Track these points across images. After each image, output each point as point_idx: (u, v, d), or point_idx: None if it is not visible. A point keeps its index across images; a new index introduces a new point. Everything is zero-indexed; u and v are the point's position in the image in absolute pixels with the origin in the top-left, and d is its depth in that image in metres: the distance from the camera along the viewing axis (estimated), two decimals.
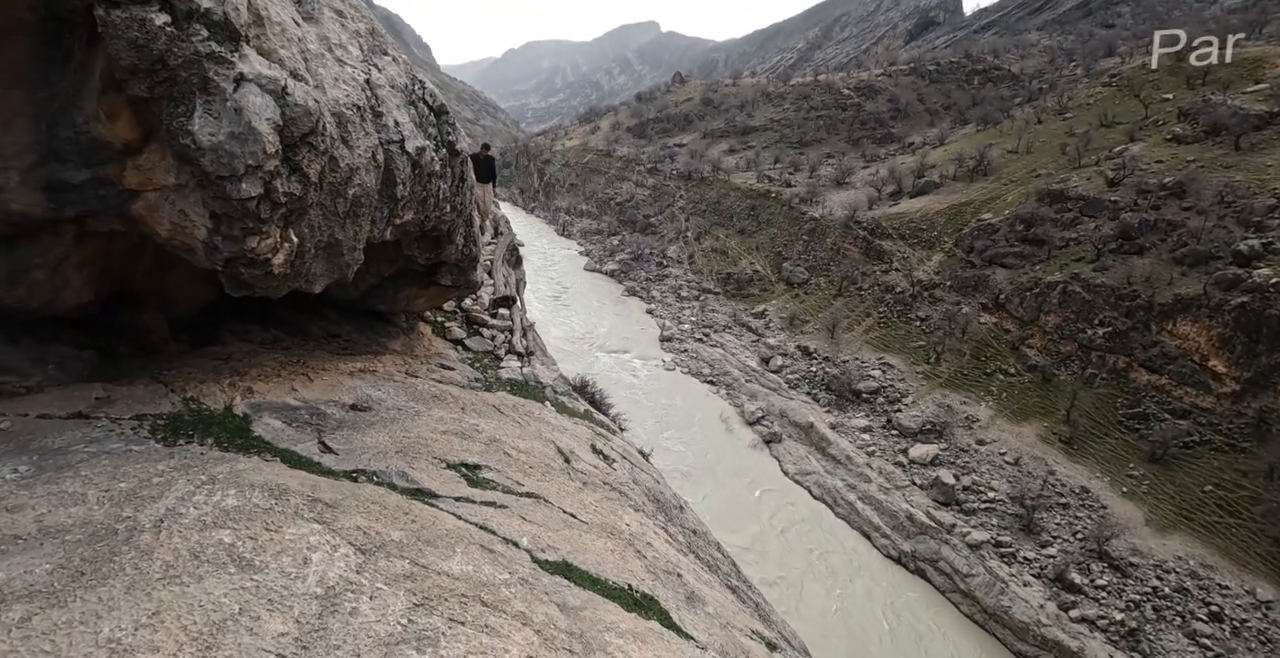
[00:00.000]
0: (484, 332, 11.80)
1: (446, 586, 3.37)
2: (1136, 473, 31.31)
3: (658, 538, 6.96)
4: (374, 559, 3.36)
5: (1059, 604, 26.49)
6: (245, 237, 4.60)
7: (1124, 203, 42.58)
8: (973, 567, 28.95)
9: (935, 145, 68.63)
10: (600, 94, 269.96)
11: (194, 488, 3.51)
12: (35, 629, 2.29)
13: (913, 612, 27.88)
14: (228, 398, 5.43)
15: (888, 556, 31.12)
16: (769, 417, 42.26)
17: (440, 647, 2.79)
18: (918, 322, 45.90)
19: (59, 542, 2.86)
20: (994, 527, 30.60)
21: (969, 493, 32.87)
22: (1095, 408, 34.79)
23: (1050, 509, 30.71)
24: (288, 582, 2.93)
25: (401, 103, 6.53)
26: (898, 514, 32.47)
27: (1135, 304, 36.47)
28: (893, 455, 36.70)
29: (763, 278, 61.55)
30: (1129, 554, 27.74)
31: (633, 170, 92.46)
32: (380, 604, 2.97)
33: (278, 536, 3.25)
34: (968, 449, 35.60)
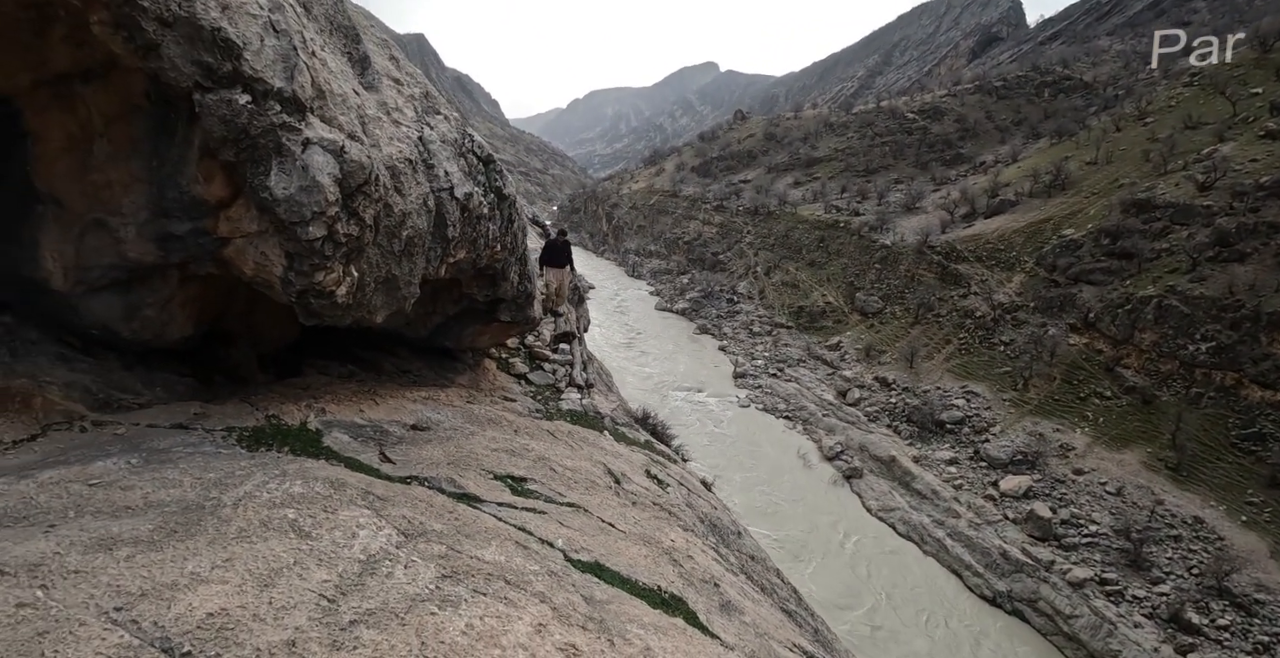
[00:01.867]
0: (546, 366, 12.66)
1: (476, 567, 3.84)
2: (1257, 500, 29.07)
3: (702, 555, 7.34)
4: (414, 541, 3.91)
5: (1176, 647, 24.59)
6: (313, 271, 5.59)
7: (1218, 207, 40.54)
8: (1076, 607, 27.32)
9: (1008, 163, 67.07)
10: (664, 136, 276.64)
11: (268, 478, 4.19)
12: (137, 562, 3.05)
13: (1007, 652, 26.49)
14: (303, 416, 6.30)
15: (981, 595, 29.68)
16: (848, 451, 41.44)
17: (459, 608, 3.28)
18: (1001, 347, 44.39)
19: (159, 511, 3.65)
20: (1097, 563, 28.84)
21: (1068, 527, 31.17)
22: (1204, 430, 32.64)
23: (1160, 543, 28.76)
24: (336, 548, 3.54)
25: (452, 155, 7.73)
26: (990, 551, 31.05)
27: (1240, 315, 34.40)
28: (982, 488, 35.27)
29: (835, 309, 60.97)
30: (1253, 590, 25.63)
31: (699, 209, 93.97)
32: (413, 572, 3.51)
33: (333, 516, 3.87)
34: (1064, 480, 33.88)
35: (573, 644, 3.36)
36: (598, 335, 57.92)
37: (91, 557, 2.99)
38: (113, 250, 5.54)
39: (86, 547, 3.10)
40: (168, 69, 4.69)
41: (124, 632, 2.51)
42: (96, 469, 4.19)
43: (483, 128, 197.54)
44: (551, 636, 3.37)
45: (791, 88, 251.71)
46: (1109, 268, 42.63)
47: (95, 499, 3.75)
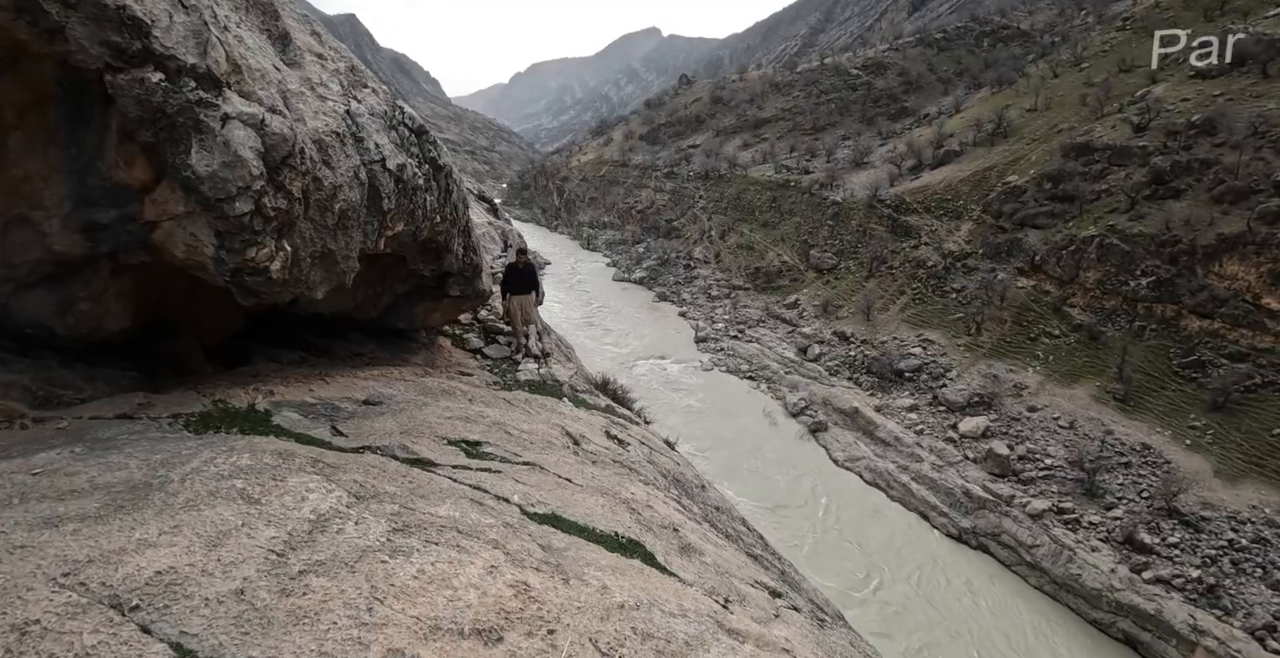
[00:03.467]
0: (501, 339, 12.62)
1: (429, 521, 3.88)
2: (1199, 424, 30.57)
3: (663, 505, 7.43)
4: (366, 502, 3.91)
5: (1131, 567, 25.96)
6: (245, 248, 5.52)
7: (1153, 147, 41.75)
8: (1036, 537, 28.57)
9: (951, 114, 67.89)
10: (610, 106, 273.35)
11: (215, 454, 4.17)
12: (83, 535, 3.06)
13: (981, 588, 27.58)
14: (251, 399, 6.27)
15: (947, 534, 30.83)
16: (812, 406, 42.30)
17: (411, 557, 3.33)
18: (954, 294, 45.53)
19: (106, 492, 3.63)
20: (1054, 494, 30.13)
21: (1025, 462, 32.44)
22: (1148, 361, 34.09)
23: (1112, 470, 30.14)
24: (285, 511, 3.55)
25: (382, 127, 7.58)
26: (954, 491, 32.19)
27: (1177, 250, 35.73)
28: (942, 432, 36.41)
29: (791, 268, 61.61)
30: (1200, 509, 27.08)
31: (650, 177, 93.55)
32: (364, 528, 3.55)
33: (282, 483, 3.86)
34: (1019, 418, 35.16)
35: (524, 582, 3.46)
36: (556, 311, 57.66)
37: (38, 534, 2.99)
38: (38, 245, 5.38)
39: (32, 525, 3.08)
40: (75, 52, 4.52)
41: (71, 593, 2.55)
42: (40, 460, 4.12)
43: (424, 108, 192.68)
44: (503, 575, 3.46)
45: (735, 49, 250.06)
46: (1052, 211, 43.75)
47: (40, 486, 3.69)
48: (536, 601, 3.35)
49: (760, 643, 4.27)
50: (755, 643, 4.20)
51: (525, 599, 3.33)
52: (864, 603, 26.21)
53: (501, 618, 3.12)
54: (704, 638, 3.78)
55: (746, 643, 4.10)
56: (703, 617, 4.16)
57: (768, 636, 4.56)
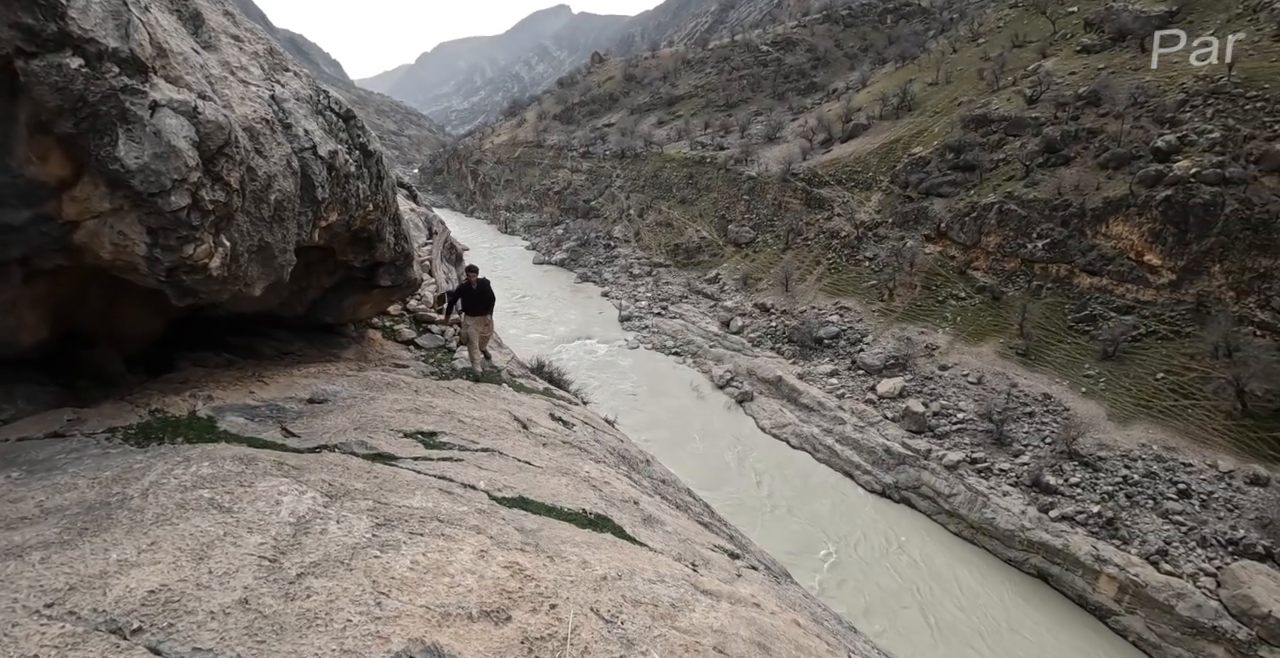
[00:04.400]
0: (433, 328, 12.16)
1: (407, 513, 3.84)
2: (1093, 373, 32.78)
3: (618, 481, 7.43)
4: (339, 501, 3.83)
5: (1039, 507, 27.78)
6: (182, 245, 5.14)
7: (1045, 118, 43.98)
8: (953, 487, 30.17)
9: (858, 89, 69.65)
10: (522, 86, 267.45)
11: (171, 466, 3.97)
12: (55, 562, 2.79)
13: (905, 539, 28.91)
14: (190, 405, 5.94)
15: (872, 490, 32.17)
16: (738, 377, 43.12)
17: (401, 549, 3.31)
18: (866, 262, 47.02)
19: (60, 516, 3.33)
20: (967, 446, 31.82)
21: (939, 418, 34.08)
22: (1045, 318, 36.21)
23: (1018, 420, 32.03)
24: (263, 516, 3.43)
25: (309, 112, 7.00)
26: (875, 449, 33.55)
27: (1069, 213, 37.91)
28: (862, 394, 37.79)
29: (711, 243, 62.26)
30: (1097, 450, 29.17)
31: (566, 157, 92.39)
32: (347, 526, 3.48)
33: (251, 489, 3.73)
34: (932, 377, 36.84)
35: (516, 562, 3.48)
36: None
37: (1, 567, 2.74)
38: None
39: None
40: None
41: (63, 624, 2.36)
42: None
43: None
44: (495, 559, 3.46)
45: (647, 27, 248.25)
46: (955, 180, 45.63)
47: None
48: (533, 579, 3.36)
49: (732, 600, 4.46)
50: (729, 600, 4.38)
51: (522, 579, 3.34)
52: (796, 556, 27.08)
53: (505, 598, 3.12)
54: (686, 599, 3.93)
55: (722, 601, 4.27)
56: (679, 581, 4.28)
57: (737, 593, 4.73)
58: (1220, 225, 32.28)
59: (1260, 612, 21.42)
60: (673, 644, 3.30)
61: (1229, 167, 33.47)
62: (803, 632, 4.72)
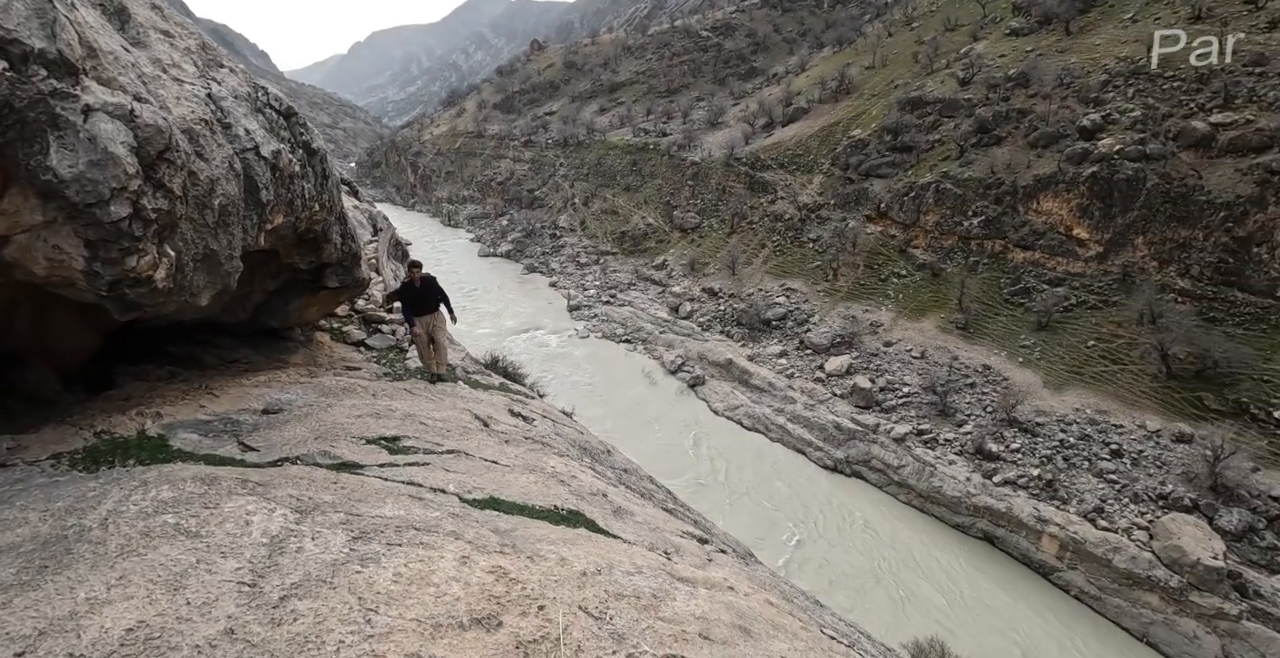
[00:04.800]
0: (384, 328, 11.73)
1: (381, 524, 3.75)
2: (1028, 343, 33.99)
3: (584, 474, 7.40)
4: (310, 515, 3.71)
5: (983, 474, 28.77)
6: (124, 257, 4.84)
7: (977, 99, 45.15)
8: (901, 458, 31.01)
9: (797, 73, 70.32)
10: (460, 75, 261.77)
11: (128, 492, 3.77)
12: (17, 606, 2.59)
13: (863, 514, 29.56)
14: (138, 424, 5.64)
15: (824, 466, 32.80)
16: (689, 362, 43.36)
17: (381, 562, 3.23)
18: (810, 243, 47.69)
19: (14, 554, 3.09)
20: (913, 418, 32.72)
21: (886, 392, 34.93)
22: (983, 292, 37.34)
23: (960, 391, 33.05)
24: (235, 539, 3.30)
25: (248, 111, 6.70)
26: (826, 426, 34.22)
27: (1002, 191, 39.06)
28: (811, 373, 38.42)
29: (656, 230, 62.27)
30: (1034, 416, 30.31)
31: (507, 146, 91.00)
32: (323, 542, 3.38)
33: (217, 510, 3.57)
34: (877, 353, 37.68)
35: (499, 566, 3.44)
36: None
37: None
38: None
39: None
40: None
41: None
42: None
43: None
44: (478, 564, 3.42)
45: (586, 13, 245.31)
46: (893, 161, 46.53)
47: None
48: (518, 581, 3.31)
49: (708, 585, 4.48)
50: (705, 586, 4.40)
51: (508, 582, 3.29)
52: (761, 538, 27.47)
53: (493, 604, 3.07)
54: (665, 589, 3.94)
55: (698, 587, 4.29)
56: (656, 571, 4.29)
57: (711, 578, 4.76)
58: (1142, 199, 33.71)
59: (1189, 560, 22.65)
60: (661, 636, 3.30)
61: (1149, 143, 34.91)
62: (776, 611, 4.77)
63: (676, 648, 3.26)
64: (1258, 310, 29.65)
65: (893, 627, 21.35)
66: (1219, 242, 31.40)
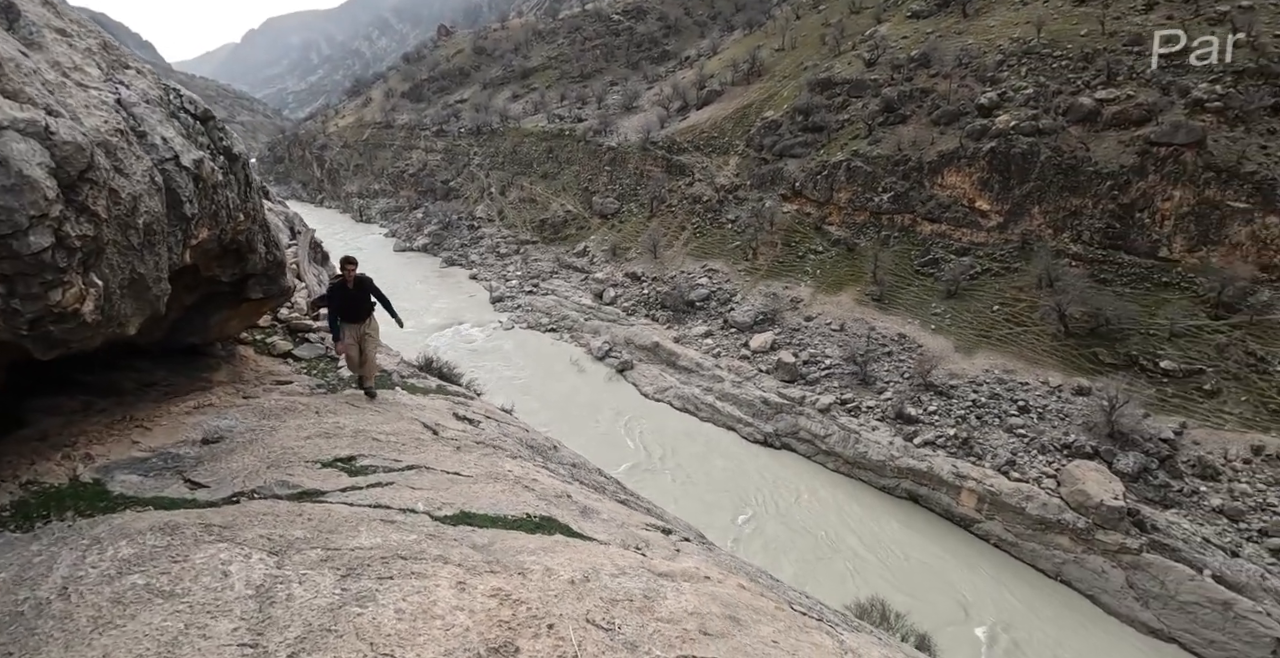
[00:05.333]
0: (311, 337, 10.91)
1: (363, 557, 3.61)
2: (939, 310, 35.64)
3: (542, 475, 7.27)
4: (288, 556, 3.54)
5: (904, 437, 30.06)
6: (47, 291, 4.44)
7: (883, 80, 46.70)
8: (828, 428, 32.07)
9: (710, 56, 70.94)
10: (364, 63, 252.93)
11: (82, 552, 3.51)
12: None
13: (792, 483, 30.47)
14: (69, 470, 5.21)
15: (755, 441, 33.57)
16: (616, 347, 43.44)
17: (378, 600, 3.11)
18: (729, 224, 48.44)
19: None
20: (836, 388, 33.86)
21: (809, 366, 35.97)
22: (895, 264, 38.85)
23: (878, 360, 34.38)
24: (217, 594, 3.09)
25: (163, 117, 6.22)
26: (754, 402, 35.01)
27: (909, 167, 40.68)
28: (736, 351, 39.15)
29: (576, 217, 62.03)
30: (948, 379, 31.87)
31: (418, 137, 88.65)
32: (311, 585, 3.21)
33: (188, 563, 3.35)
34: (799, 328, 38.74)
35: (498, 588, 3.37)
36: None
37: None
38: None
39: None
40: None
41: None
42: None
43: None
44: (475, 589, 3.34)
45: None
46: (805, 141, 47.70)
47: None
48: (521, 602, 3.25)
49: (685, 577, 4.52)
50: (684, 579, 4.45)
51: (512, 604, 3.22)
52: (709, 520, 27.83)
53: (504, 629, 3.01)
54: (653, 588, 3.96)
55: (680, 581, 4.33)
56: (638, 570, 4.31)
57: (687, 569, 4.78)
58: (1037, 171, 35.85)
59: (1093, 502, 24.38)
60: (668, 638, 3.32)
61: (1041, 119, 37.13)
62: (750, 594, 4.78)
63: (685, 649, 3.28)
64: (1142, 270, 32.12)
65: (837, 592, 22.02)
66: (1106, 209, 33.79)
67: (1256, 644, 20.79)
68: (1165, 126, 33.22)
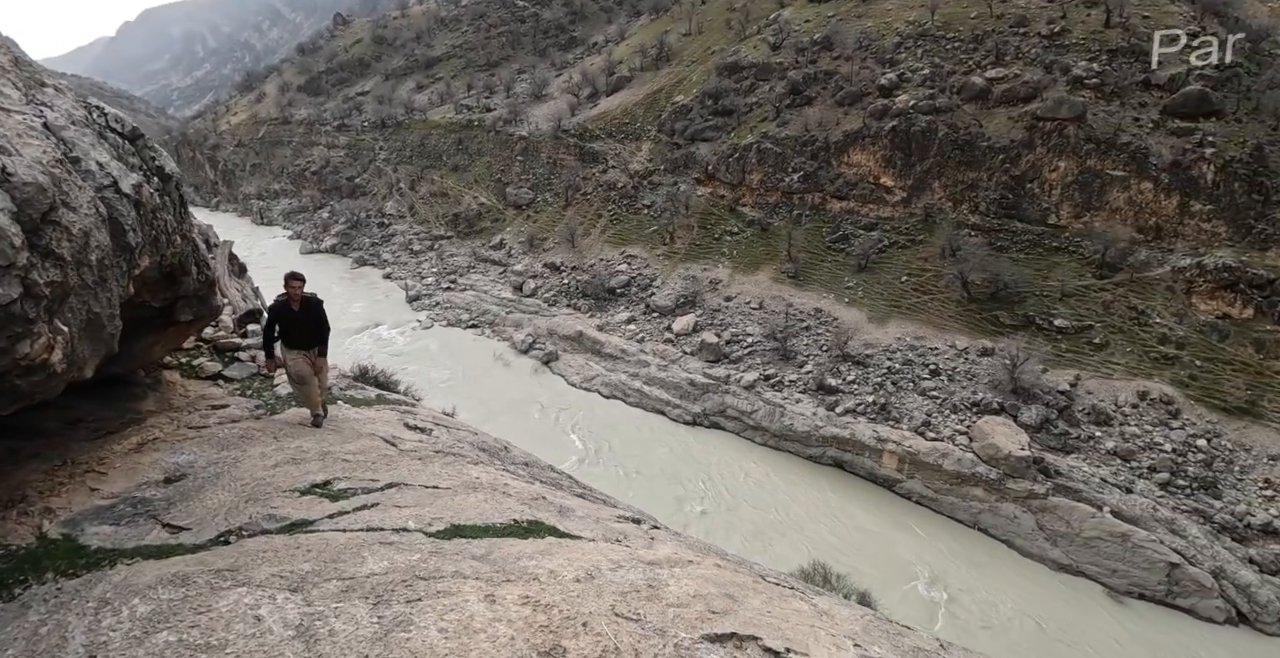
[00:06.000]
0: (240, 355, 10.27)
1: (382, 581, 3.70)
2: (852, 284, 37.09)
3: (510, 479, 7.35)
4: (308, 591, 3.60)
5: (826, 407, 31.20)
6: (15, 344, 4.21)
7: (788, 63, 47.87)
8: (753, 404, 33.00)
9: (617, 42, 70.67)
10: (255, 56, 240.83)
11: (93, 616, 3.42)
12: None
13: (724, 459, 31.28)
14: (32, 527, 4.96)
15: (684, 422, 34.12)
16: (540, 339, 43.12)
17: (418, 623, 3.23)
18: (645, 210, 48.75)
19: None
20: (760, 365, 34.80)
21: (732, 345, 36.79)
22: (808, 242, 40.13)
23: (798, 335, 35.51)
24: (260, 640, 3.11)
25: (94, 140, 5.80)
26: (680, 384, 35.61)
27: (816, 147, 42.05)
28: (660, 336, 39.60)
29: (490, 209, 61.17)
30: (864, 349, 33.32)
31: (319, 133, 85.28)
32: (347, 617, 3.30)
33: (214, 613, 3.34)
34: (720, 308, 39.57)
35: (526, 596, 3.51)
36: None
37: None
38: None
39: None
40: None
41: None
42: None
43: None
44: (504, 600, 3.47)
45: None
46: (716, 125, 48.50)
47: None
48: (552, 606, 3.41)
49: (671, 563, 4.70)
50: (671, 565, 4.64)
51: (544, 609, 3.37)
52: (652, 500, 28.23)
53: (546, 634, 3.15)
54: (652, 577, 4.15)
55: (668, 567, 4.53)
56: (631, 562, 4.46)
57: (670, 556, 4.97)
58: (936, 148, 37.77)
59: (1003, 455, 26.18)
60: (689, 621, 3.51)
61: (938, 98, 39.09)
62: (728, 572, 4.94)
63: (705, 628, 3.49)
64: (1034, 237, 34.49)
65: (780, 561, 22.91)
66: (1000, 181, 36.02)
67: (1153, 569, 22.98)
68: (1049, 103, 35.75)
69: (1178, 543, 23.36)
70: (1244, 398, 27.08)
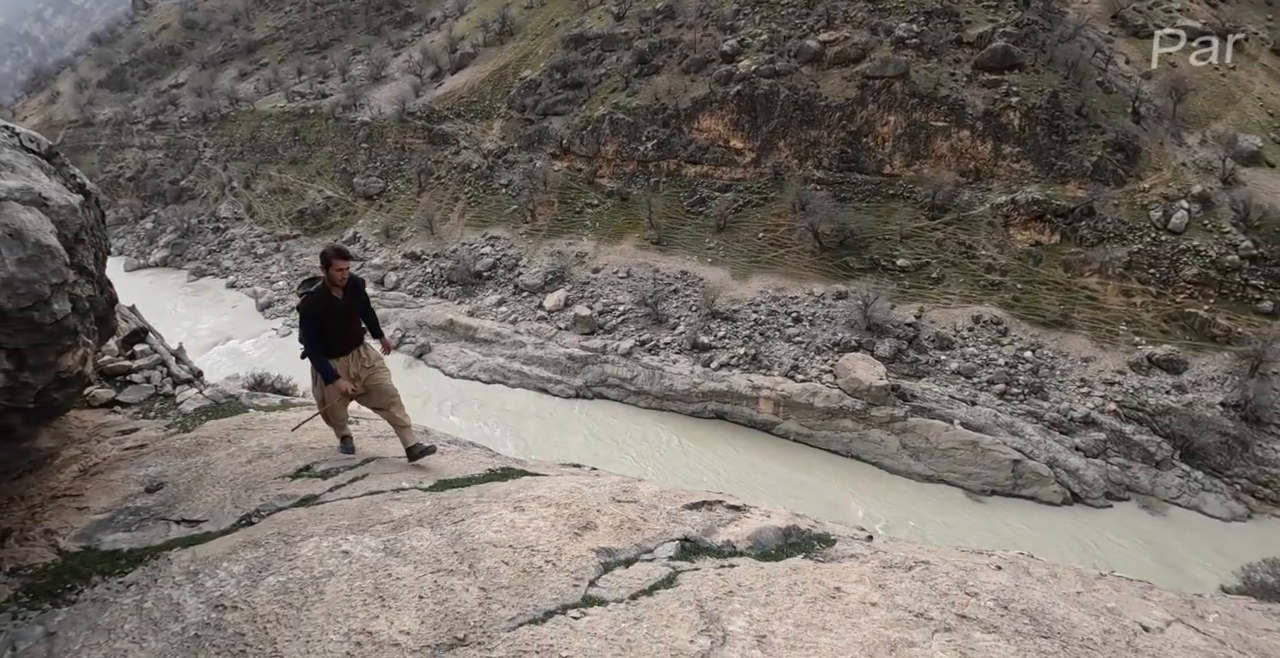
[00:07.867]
0: (134, 378, 9.88)
1: (419, 518, 4.41)
2: (713, 245, 38.53)
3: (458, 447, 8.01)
4: (366, 532, 4.27)
5: (702, 364, 32.35)
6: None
7: (633, 33, 48.17)
8: (633, 370, 33.82)
9: (457, 17, 67.42)
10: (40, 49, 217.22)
11: (193, 584, 3.83)
12: None
13: (607, 426, 32.07)
14: (46, 547, 4.90)
15: (568, 397, 34.28)
16: (409, 332, 41.09)
17: (472, 532, 4.14)
18: (503, 189, 47.93)
19: None
20: (634, 332, 35.51)
21: (605, 315, 37.23)
22: (668, 208, 41.11)
23: (667, 299, 36.44)
24: (361, 563, 3.82)
25: (30, 162, 5.44)
26: (559, 360, 35.72)
27: (667, 115, 43.07)
28: (533, 314, 39.29)
29: (339, 202, 57.89)
30: (730, 305, 34.92)
31: (130, 133, 77.59)
32: (418, 538, 4.16)
33: (301, 558, 3.93)
34: (589, 281, 39.81)
35: (543, 501, 4.54)
36: None
37: None
38: None
39: None
40: None
41: None
42: None
43: None
44: (530, 508, 4.45)
45: None
46: (567, 98, 48.24)
47: None
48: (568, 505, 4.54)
49: (628, 482, 5.77)
50: (629, 483, 5.68)
51: (563, 507, 4.53)
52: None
53: (575, 518, 4.31)
54: (623, 487, 5.17)
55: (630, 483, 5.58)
56: (600, 483, 5.43)
57: (622, 480, 5.94)
58: (779, 109, 40.10)
59: (865, 386, 28.66)
60: (670, 498, 4.93)
61: (778, 62, 41.13)
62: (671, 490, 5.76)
63: (682, 501, 4.73)
64: (872, 186, 37.76)
65: None
66: (838, 137, 39.00)
67: (1000, 468, 26.63)
68: (877, 62, 38.85)
69: (1018, 442, 27.20)
70: (1058, 312, 31.46)
